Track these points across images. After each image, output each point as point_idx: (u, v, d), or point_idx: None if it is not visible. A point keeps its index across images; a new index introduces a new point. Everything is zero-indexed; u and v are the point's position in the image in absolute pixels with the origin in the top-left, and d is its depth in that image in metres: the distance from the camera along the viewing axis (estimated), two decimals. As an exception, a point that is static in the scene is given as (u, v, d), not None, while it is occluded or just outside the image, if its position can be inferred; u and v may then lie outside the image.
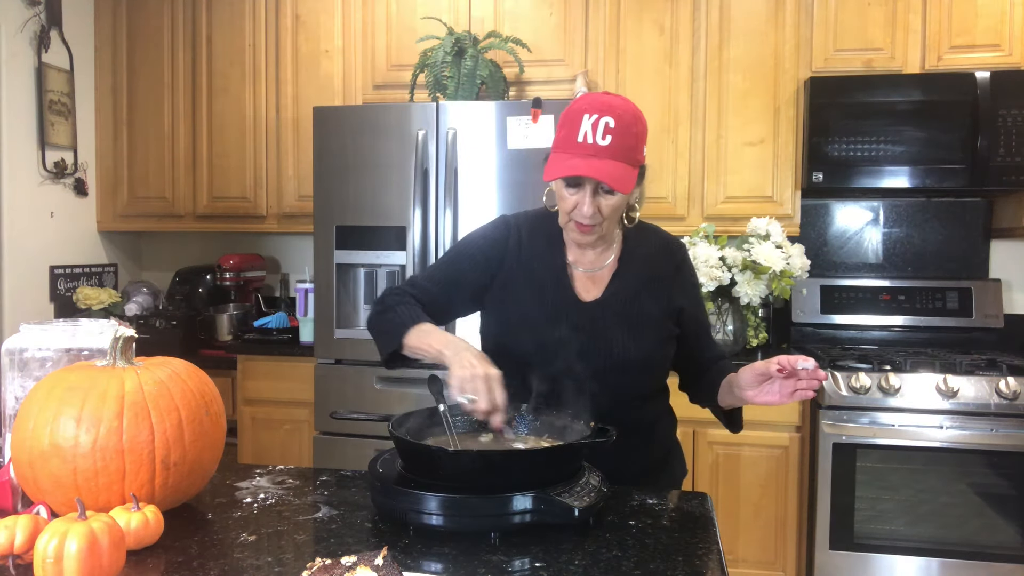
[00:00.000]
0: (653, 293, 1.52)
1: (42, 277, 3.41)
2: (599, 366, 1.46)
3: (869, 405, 2.70)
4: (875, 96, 2.94)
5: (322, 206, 2.97)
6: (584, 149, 1.36)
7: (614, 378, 1.47)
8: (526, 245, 1.55)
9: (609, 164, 1.35)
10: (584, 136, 1.36)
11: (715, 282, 2.92)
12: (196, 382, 1.25)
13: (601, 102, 1.38)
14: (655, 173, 3.18)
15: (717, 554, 1.10)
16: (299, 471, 1.47)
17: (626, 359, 1.47)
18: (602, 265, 1.54)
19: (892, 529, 2.71)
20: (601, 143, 1.35)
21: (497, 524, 1.13)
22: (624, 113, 1.37)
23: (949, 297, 3.23)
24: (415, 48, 3.28)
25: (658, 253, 1.57)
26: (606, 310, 1.50)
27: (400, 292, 1.53)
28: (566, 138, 1.38)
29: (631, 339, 1.48)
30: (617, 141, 1.35)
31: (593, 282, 1.53)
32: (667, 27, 3.17)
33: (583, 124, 1.36)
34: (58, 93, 3.43)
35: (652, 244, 1.58)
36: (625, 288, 1.52)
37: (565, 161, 1.37)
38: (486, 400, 1.27)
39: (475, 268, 1.55)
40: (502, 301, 1.53)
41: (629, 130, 1.37)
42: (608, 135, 1.35)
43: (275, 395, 3.17)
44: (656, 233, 1.61)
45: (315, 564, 0.93)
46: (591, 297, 1.52)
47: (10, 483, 1.21)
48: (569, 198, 1.41)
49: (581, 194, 1.40)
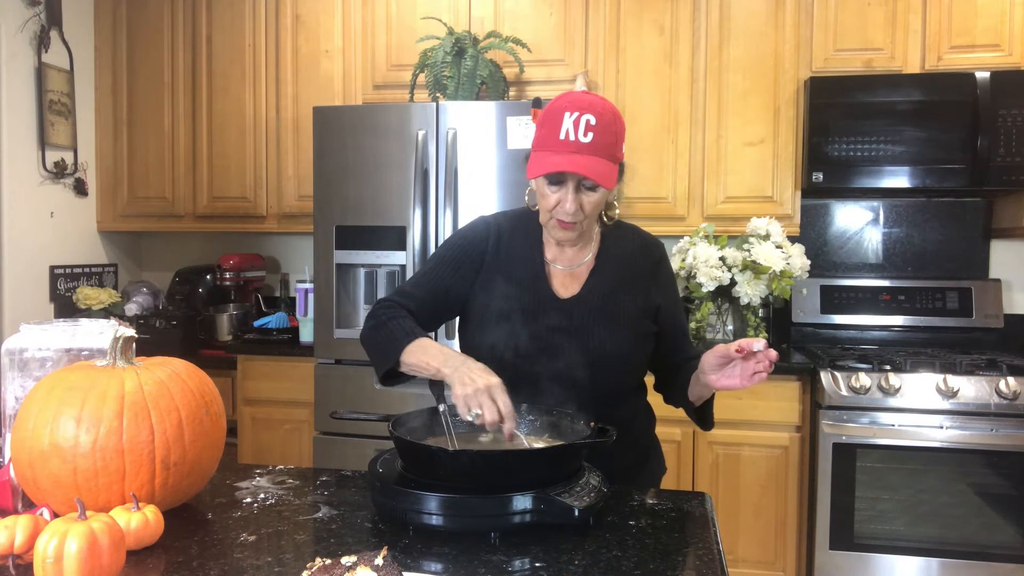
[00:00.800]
0: (630, 290, 1.53)
1: (42, 277, 3.41)
2: (575, 362, 1.47)
3: (869, 405, 2.70)
4: (875, 96, 2.94)
5: (322, 206, 2.97)
6: (566, 146, 1.37)
7: (589, 374, 1.48)
8: (505, 243, 1.56)
9: (591, 160, 1.37)
10: (566, 134, 1.38)
11: (715, 282, 2.92)
12: (196, 382, 1.25)
13: (581, 100, 1.40)
14: (655, 173, 3.18)
15: (717, 554, 1.10)
16: (299, 471, 1.47)
17: (602, 355, 1.48)
18: (580, 262, 1.55)
19: (892, 529, 2.72)
20: (583, 140, 1.37)
21: (497, 524, 1.13)
22: (604, 111, 1.39)
23: (949, 297, 3.23)
24: (415, 48, 3.28)
25: (636, 251, 1.58)
26: (583, 306, 1.51)
27: (391, 305, 1.52)
28: (547, 136, 1.40)
29: (608, 335, 1.49)
30: (598, 138, 1.37)
31: (571, 279, 1.54)
32: (667, 27, 3.17)
33: (564, 122, 1.38)
34: (58, 93, 3.43)
35: (630, 242, 1.59)
36: (602, 285, 1.53)
37: (548, 158, 1.39)
38: (491, 412, 1.26)
39: (457, 271, 1.56)
40: (481, 299, 1.54)
41: (609, 128, 1.39)
42: (589, 132, 1.37)
43: (275, 395, 3.17)
44: (634, 231, 1.62)
45: (315, 564, 0.93)
46: (569, 294, 1.53)
47: (10, 483, 1.21)
48: (551, 196, 1.43)
49: (563, 191, 1.41)
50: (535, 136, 1.44)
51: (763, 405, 2.83)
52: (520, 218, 1.59)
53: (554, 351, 1.48)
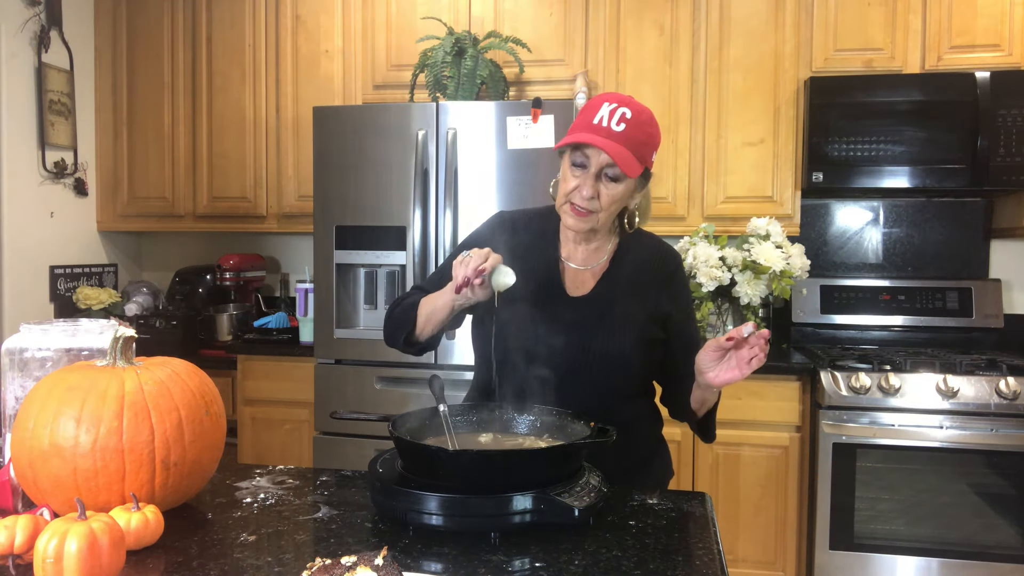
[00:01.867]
0: (640, 296, 1.53)
1: (42, 277, 3.41)
2: (577, 361, 1.48)
3: (869, 405, 2.70)
4: (875, 96, 2.94)
5: (322, 206, 2.97)
6: (598, 131, 1.41)
7: (589, 374, 1.48)
8: (520, 237, 1.57)
9: (619, 147, 1.40)
10: (600, 120, 1.41)
11: (715, 282, 2.92)
12: (196, 382, 1.25)
13: (623, 97, 1.45)
14: (655, 173, 3.17)
15: (717, 554, 1.10)
16: (299, 471, 1.47)
17: (603, 355, 1.48)
18: (594, 263, 1.56)
19: (892, 529, 2.71)
20: (615, 128, 1.40)
21: (497, 524, 1.13)
22: (642, 111, 1.44)
23: (949, 297, 3.23)
24: (415, 48, 3.28)
25: (652, 259, 1.58)
26: (591, 307, 1.51)
27: (408, 293, 1.60)
28: (582, 120, 1.44)
29: (611, 336, 1.49)
30: (630, 131, 1.40)
31: (584, 278, 1.55)
32: (667, 27, 3.18)
33: (601, 110, 1.42)
34: (58, 93, 3.43)
35: (647, 250, 1.59)
36: (613, 287, 1.53)
37: (576, 135, 1.43)
38: (474, 261, 1.33)
39: None
40: None
41: (644, 127, 1.43)
42: (622, 123, 1.40)
43: (275, 395, 3.17)
44: (653, 240, 1.62)
45: (315, 564, 0.93)
46: (579, 293, 1.54)
47: (10, 483, 1.21)
48: (572, 179, 1.45)
49: (584, 176, 1.43)
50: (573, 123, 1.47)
51: (763, 405, 2.83)
52: (538, 214, 1.62)
53: (557, 347, 1.48)
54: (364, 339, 2.95)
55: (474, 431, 1.39)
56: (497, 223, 1.61)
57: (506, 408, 1.42)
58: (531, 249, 1.56)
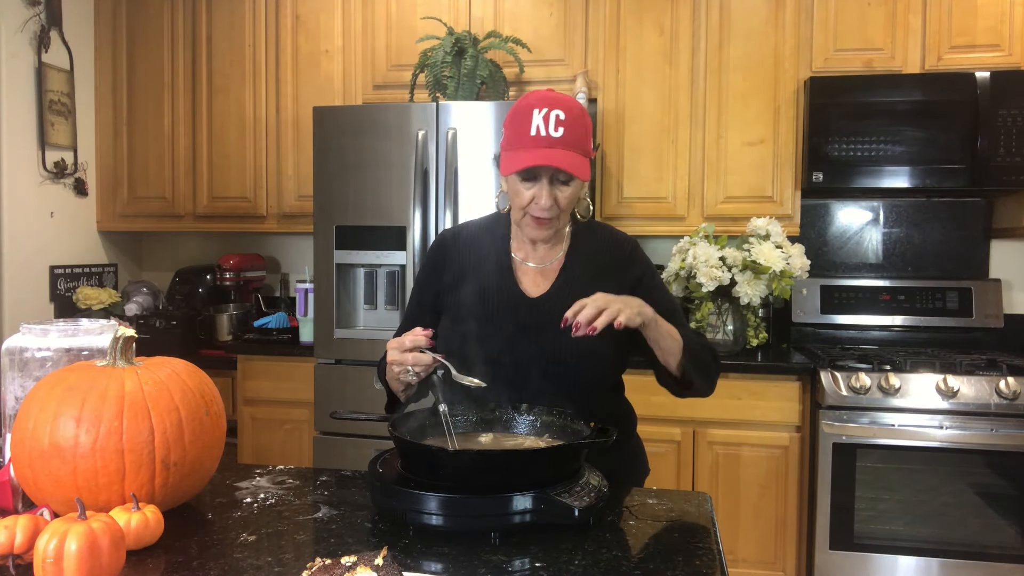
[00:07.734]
0: (601, 285, 1.47)
1: (42, 277, 3.41)
2: (546, 360, 1.47)
3: (869, 405, 2.70)
4: (875, 96, 2.94)
5: (322, 206, 2.97)
6: (538, 141, 1.39)
7: (560, 372, 1.47)
8: (469, 249, 1.57)
9: (564, 153, 1.39)
10: (536, 129, 1.39)
11: (715, 282, 2.92)
12: (196, 382, 1.25)
13: (548, 97, 1.42)
14: (655, 173, 3.18)
15: (717, 554, 1.10)
16: (299, 471, 1.47)
17: (572, 352, 1.47)
18: (551, 260, 1.55)
19: (892, 529, 2.71)
20: (554, 135, 1.38)
21: (497, 524, 1.13)
22: (572, 106, 1.41)
23: (949, 297, 3.23)
24: (415, 48, 3.28)
25: (606, 247, 1.58)
26: (553, 304, 1.49)
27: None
28: (517, 134, 1.41)
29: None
30: (569, 132, 1.39)
31: (542, 277, 1.55)
32: (667, 27, 3.17)
33: (534, 118, 1.40)
34: (58, 93, 3.43)
35: (601, 239, 1.59)
36: (572, 281, 1.52)
37: (520, 155, 1.40)
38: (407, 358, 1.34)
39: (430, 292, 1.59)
40: (449, 302, 1.56)
41: (578, 122, 1.41)
42: (560, 127, 1.38)
43: (275, 395, 3.17)
44: (605, 229, 1.62)
45: (315, 564, 0.93)
46: (539, 292, 1.53)
47: (10, 483, 1.21)
48: (525, 192, 1.44)
49: (538, 187, 1.43)
50: (504, 136, 1.45)
51: (763, 405, 2.83)
52: (485, 223, 1.62)
53: (524, 350, 1.47)
54: (364, 339, 2.95)
55: (474, 431, 1.39)
56: (438, 244, 1.61)
57: (506, 408, 1.42)
58: (482, 259, 1.55)
